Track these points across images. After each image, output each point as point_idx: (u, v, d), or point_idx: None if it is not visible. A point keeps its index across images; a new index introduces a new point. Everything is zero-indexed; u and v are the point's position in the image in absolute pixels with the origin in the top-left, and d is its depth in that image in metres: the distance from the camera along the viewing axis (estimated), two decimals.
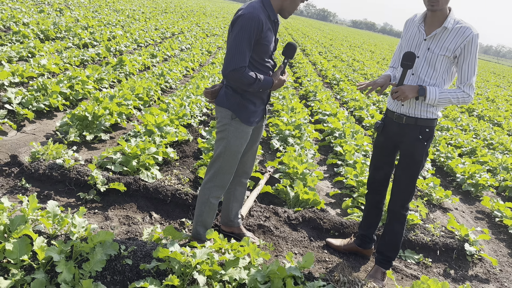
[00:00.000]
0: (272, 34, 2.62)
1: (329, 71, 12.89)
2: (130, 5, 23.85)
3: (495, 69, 43.74)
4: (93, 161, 3.81)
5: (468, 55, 2.62)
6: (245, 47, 2.46)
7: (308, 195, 3.92)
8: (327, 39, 33.40)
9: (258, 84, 2.56)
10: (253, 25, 2.44)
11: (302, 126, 5.77)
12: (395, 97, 2.72)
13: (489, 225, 4.63)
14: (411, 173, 2.92)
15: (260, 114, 2.81)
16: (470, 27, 2.60)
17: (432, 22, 2.70)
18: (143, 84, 6.25)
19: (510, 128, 10.00)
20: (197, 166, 4.21)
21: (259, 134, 2.96)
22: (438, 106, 2.76)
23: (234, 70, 2.47)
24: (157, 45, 11.96)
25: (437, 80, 2.73)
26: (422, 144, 2.83)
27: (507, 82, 27.96)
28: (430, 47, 2.70)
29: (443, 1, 2.56)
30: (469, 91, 2.68)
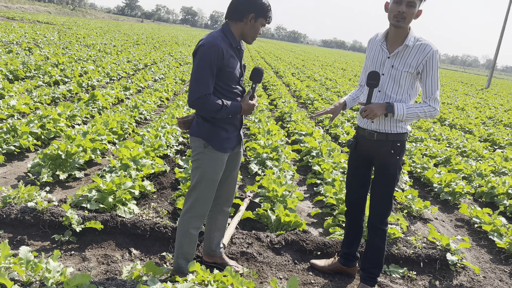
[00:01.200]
0: (236, 60, 2.67)
1: (303, 91, 13.08)
2: (101, 40, 23.86)
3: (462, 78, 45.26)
4: (67, 201, 3.72)
5: (430, 70, 2.73)
6: (207, 76, 2.51)
7: (290, 217, 3.91)
8: (299, 60, 34.04)
9: (226, 110, 2.59)
10: (213, 54, 2.50)
11: (279, 148, 5.80)
12: (364, 116, 2.79)
13: (469, 232, 4.69)
14: (386, 188, 2.97)
15: (235, 140, 2.81)
16: (430, 44, 2.71)
17: (394, 40, 2.80)
18: (117, 118, 6.20)
19: (481, 134, 10.29)
20: (175, 197, 4.16)
21: (237, 160, 2.95)
22: (407, 121, 2.85)
23: (198, 98, 2.52)
24: (130, 77, 11.95)
25: (403, 96, 2.82)
26: (395, 158, 2.89)
27: (475, 90, 28.93)
28: (394, 65, 2.79)
29: (408, 19, 2.66)
30: (434, 105, 2.78)
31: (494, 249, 4.28)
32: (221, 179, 2.90)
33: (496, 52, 35.00)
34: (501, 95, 26.84)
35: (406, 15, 2.64)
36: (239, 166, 3.01)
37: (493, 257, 4.15)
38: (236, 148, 2.88)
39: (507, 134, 10.64)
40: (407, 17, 2.65)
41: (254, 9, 2.57)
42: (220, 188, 2.94)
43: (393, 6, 2.68)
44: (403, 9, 2.63)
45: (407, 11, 2.63)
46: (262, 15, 2.60)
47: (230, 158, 2.88)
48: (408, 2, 2.62)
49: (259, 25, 2.63)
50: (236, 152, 2.91)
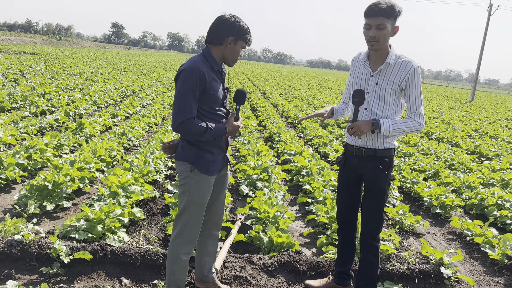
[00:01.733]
0: (219, 83, 2.69)
1: (291, 111, 13.19)
2: (88, 68, 23.93)
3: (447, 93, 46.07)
4: (55, 232, 3.65)
5: (413, 86, 2.79)
6: (190, 99, 2.53)
7: (282, 238, 3.88)
8: (286, 80, 34.42)
9: (210, 133, 2.60)
10: (195, 78, 2.53)
11: (269, 168, 5.80)
12: (351, 133, 2.84)
13: (462, 245, 4.70)
14: (377, 203, 2.98)
15: (221, 162, 2.81)
16: (410, 61, 2.79)
17: (376, 59, 2.87)
18: (105, 145, 6.16)
19: (468, 147, 10.42)
20: (166, 223, 4.11)
21: (224, 182, 2.94)
22: (393, 136, 2.89)
23: (182, 122, 2.53)
24: (118, 104, 11.94)
25: (388, 112, 2.87)
26: (384, 173, 2.92)
27: (459, 103, 29.43)
28: (378, 83, 2.85)
29: (382, 41, 2.73)
30: (419, 120, 2.84)
31: (487, 261, 4.28)
32: (209, 202, 2.88)
33: (478, 66, 35.83)
34: (485, 107, 27.35)
35: (379, 38, 2.71)
36: (226, 188, 2.99)
37: (487, 269, 4.15)
38: (223, 170, 2.88)
39: (493, 145, 10.79)
40: (380, 39, 2.72)
41: (233, 32, 2.62)
42: (208, 211, 2.92)
43: (365, 31, 2.78)
44: (374, 33, 2.71)
45: (378, 34, 2.70)
46: (241, 38, 2.65)
47: (217, 180, 2.87)
48: (377, 25, 2.69)
49: (239, 48, 2.67)
50: (223, 174, 2.91)
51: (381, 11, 2.65)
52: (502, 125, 16.57)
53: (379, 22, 2.67)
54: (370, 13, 2.69)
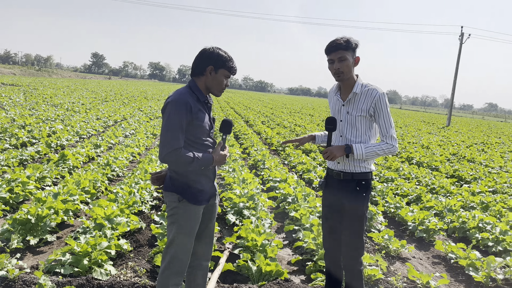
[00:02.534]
0: (205, 114, 2.74)
1: (274, 138, 13.33)
2: (69, 98, 23.78)
3: (424, 118, 47.30)
4: (39, 267, 3.57)
5: (381, 112, 2.97)
6: (177, 130, 2.58)
7: (271, 266, 3.88)
8: (268, 108, 34.83)
9: (198, 162, 2.63)
10: (181, 109, 2.59)
11: (255, 196, 5.83)
12: (325, 158, 3.02)
13: (447, 268, 4.77)
14: (357, 227, 3.07)
15: (209, 192, 2.83)
16: (376, 88, 2.99)
17: (345, 90, 3.10)
18: (89, 177, 6.11)
19: (447, 171, 10.67)
20: (153, 254, 4.07)
21: (213, 212, 2.95)
22: (368, 159, 3.02)
23: (169, 153, 2.57)
24: (100, 135, 11.87)
25: (361, 138, 3.04)
26: (361, 195, 3.05)
27: (437, 128, 30.21)
28: (348, 111, 3.06)
29: (346, 71, 2.96)
30: (391, 142, 3.00)
31: (472, 284, 4.35)
32: (198, 232, 2.88)
33: (453, 92, 37.03)
34: (461, 132, 28.14)
35: (343, 69, 2.94)
36: (215, 217, 3.00)
37: None
38: (211, 199, 2.89)
39: (471, 169, 11.08)
40: (344, 70, 2.95)
41: (211, 62, 2.68)
42: (198, 242, 2.91)
43: (329, 66, 3.01)
44: (337, 66, 2.94)
45: (342, 66, 2.93)
46: (222, 66, 2.69)
47: (206, 210, 2.88)
48: (338, 58, 2.93)
49: (221, 76, 2.71)
50: (212, 204, 2.91)
51: (339, 45, 2.91)
52: (478, 149, 17.05)
53: (340, 55, 2.91)
54: (330, 49, 2.95)
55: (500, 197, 7.63)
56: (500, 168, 12.11)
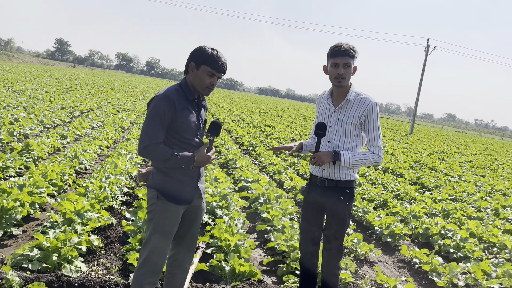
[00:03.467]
0: (192, 113, 2.69)
1: (245, 138, 13.34)
2: (31, 85, 22.83)
3: (388, 124, 48.67)
4: (6, 261, 3.43)
5: (371, 121, 3.03)
6: (157, 125, 2.57)
7: (244, 267, 3.90)
8: (238, 106, 34.79)
9: (175, 160, 2.59)
10: (164, 105, 2.57)
11: (228, 196, 5.82)
12: (313, 163, 3.02)
13: (411, 273, 4.95)
14: (337, 233, 3.12)
15: (191, 193, 2.77)
16: (369, 97, 3.04)
17: (337, 96, 3.12)
18: (56, 169, 5.90)
19: (411, 178, 11.06)
20: (125, 251, 3.99)
21: (196, 215, 2.90)
22: (354, 168, 3.08)
23: (146, 147, 2.56)
24: (66, 125, 11.48)
25: (349, 145, 3.07)
26: (345, 204, 3.08)
27: (400, 135, 31.20)
28: (339, 117, 3.08)
29: (347, 78, 2.99)
30: (378, 152, 3.05)
31: None
32: (181, 234, 2.86)
33: (416, 101, 38.35)
34: (423, 140, 29.18)
35: (345, 75, 2.97)
36: (200, 221, 2.94)
37: None
38: (196, 202, 2.84)
39: (433, 177, 11.53)
40: (346, 77, 2.99)
41: (193, 58, 2.64)
42: (180, 243, 2.89)
43: (332, 69, 3.01)
44: (341, 71, 2.96)
45: (345, 72, 2.97)
46: (203, 62, 2.61)
47: (189, 212, 2.84)
48: (344, 64, 2.95)
49: (202, 73, 2.62)
50: (196, 206, 2.86)
51: (347, 51, 2.93)
52: (439, 158, 17.75)
53: (346, 62, 2.94)
54: (337, 53, 2.95)
55: (459, 205, 7.99)
56: (459, 177, 12.68)
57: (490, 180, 12.62)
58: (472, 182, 11.79)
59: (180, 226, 2.83)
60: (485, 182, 12.18)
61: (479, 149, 27.53)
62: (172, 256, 2.93)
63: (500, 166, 17.90)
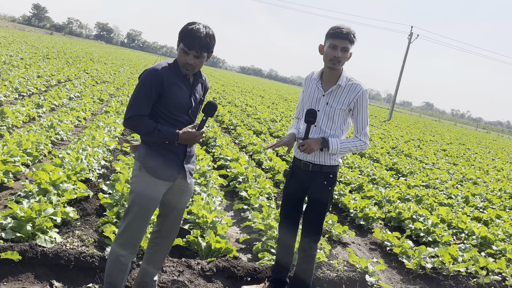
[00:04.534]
0: (182, 89, 2.65)
1: (225, 116, 13.29)
2: (6, 51, 22.00)
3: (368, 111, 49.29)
4: None
5: (361, 108, 3.02)
6: (142, 98, 2.56)
7: (220, 243, 3.94)
8: (219, 84, 34.48)
9: (159, 134, 2.58)
10: (151, 78, 2.56)
11: (207, 173, 5.83)
12: (302, 150, 2.99)
13: (382, 255, 5.10)
14: (318, 216, 3.17)
15: (175, 170, 2.73)
16: (360, 84, 3.01)
17: (328, 80, 3.05)
18: (32, 138, 5.76)
19: (387, 163, 11.28)
20: (101, 224, 3.97)
21: (182, 194, 2.85)
22: (340, 154, 3.09)
23: (130, 118, 2.58)
24: (42, 94, 11.16)
25: (336, 131, 3.07)
26: (327, 189, 3.11)
27: (378, 121, 31.66)
28: (328, 102, 3.04)
29: (342, 62, 2.94)
30: (364, 139, 3.07)
31: (404, 270, 4.70)
32: (166, 212, 2.85)
33: (397, 88, 38.85)
34: (401, 127, 29.72)
35: (341, 59, 2.92)
36: (187, 201, 2.91)
37: (403, 277, 4.56)
38: (181, 181, 2.79)
39: (408, 163, 11.80)
40: (342, 60, 2.94)
41: (178, 35, 2.58)
42: (163, 221, 2.88)
43: (328, 50, 2.93)
44: (338, 54, 2.90)
45: (342, 56, 2.92)
46: (180, 39, 2.54)
47: (174, 190, 2.80)
48: (342, 48, 2.90)
49: (180, 50, 2.57)
50: (181, 186, 2.81)
51: (348, 35, 2.87)
52: (415, 145, 18.14)
53: (344, 45, 2.89)
54: (338, 35, 2.88)
55: (432, 192, 8.23)
56: (433, 164, 13.02)
57: (462, 169, 13.01)
58: (445, 170, 12.13)
59: (165, 204, 2.83)
60: (458, 170, 12.56)
61: (454, 139, 28.26)
62: (155, 232, 2.93)
63: (472, 155, 18.45)
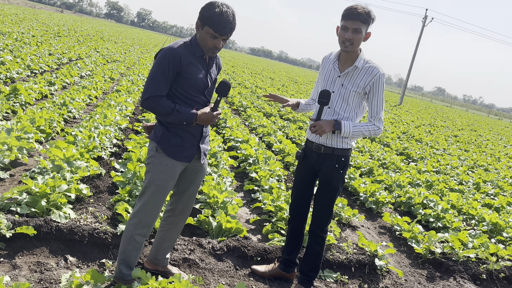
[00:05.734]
0: (199, 69, 2.64)
1: (235, 98, 13.24)
2: (18, 28, 22.01)
3: None
4: None
5: (376, 91, 2.94)
6: (160, 78, 2.52)
7: (231, 223, 3.97)
8: (229, 66, 34.29)
9: (177, 115, 2.57)
10: (169, 58, 2.52)
11: (217, 154, 5.84)
12: (313, 131, 2.95)
13: (391, 239, 5.11)
14: (329, 199, 3.16)
15: (191, 151, 2.74)
16: (377, 67, 2.93)
17: (345, 61, 2.99)
18: (45, 115, 5.80)
19: (397, 148, 11.21)
20: (114, 202, 4.01)
21: (197, 174, 2.88)
22: (352, 138, 3.05)
23: (148, 98, 2.54)
24: (54, 72, 11.19)
25: (350, 114, 3.01)
26: (339, 172, 3.08)
27: (389, 106, 31.34)
28: (343, 84, 2.98)
29: (356, 44, 2.86)
30: (378, 124, 3.01)
31: (413, 254, 4.71)
32: (180, 191, 2.87)
33: (409, 73, 38.31)
34: (412, 112, 29.41)
35: (353, 40, 2.84)
36: (200, 181, 2.94)
37: (412, 261, 4.57)
38: (196, 161, 2.82)
39: (419, 149, 11.71)
40: (354, 42, 2.85)
41: (199, 17, 2.55)
42: (178, 200, 2.91)
43: (341, 32, 2.87)
44: (350, 36, 2.82)
45: (354, 37, 2.83)
46: (206, 22, 2.49)
47: (189, 170, 2.83)
48: (354, 29, 2.82)
49: (205, 34, 2.53)
50: (197, 166, 2.84)
51: (359, 15, 2.77)
52: (426, 130, 17.97)
53: (356, 26, 2.79)
54: (348, 16, 2.80)
55: (442, 177, 8.18)
56: (444, 150, 12.91)
57: (474, 155, 12.89)
58: (456, 156, 12.03)
59: (180, 184, 2.85)
60: (469, 156, 12.45)
61: (465, 125, 27.93)
62: (169, 211, 2.97)
63: (484, 142, 18.26)
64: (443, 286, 4.09)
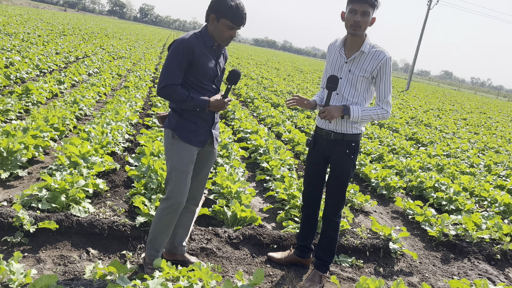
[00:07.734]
0: (210, 59, 2.77)
1: (242, 89, 13.27)
2: (23, 28, 22.15)
3: None
4: (16, 201, 3.52)
5: (384, 75, 2.97)
6: (175, 67, 2.66)
7: (246, 212, 4.04)
8: (234, 57, 34.22)
9: (191, 102, 2.70)
10: (183, 49, 2.65)
11: (228, 145, 5.90)
12: (322, 117, 2.99)
13: (404, 223, 5.15)
14: (341, 184, 3.20)
15: (204, 136, 2.88)
16: (384, 51, 2.95)
17: (351, 46, 3.02)
18: (58, 113, 5.89)
19: (406, 133, 11.19)
20: (130, 195, 4.10)
21: (208, 159, 3.02)
22: (361, 122, 3.08)
23: (164, 87, 2.68)
24: (62, 71, 11.30)
25: (358, 99, 3.04)
26: (349, 157, 3.12)
27: (396, 91, 31.12)
28: (351, 69, 3.01)
29: (363, 27, 2.88)
30: (387, 108, 3.03)
31: (426, 237, 4.75)
32: (191, 176, 2.95)
33: (415, 57, 37.93)
34: (419, 97, 29.19)
35: (362, 24, 2.86)
36: (211, 166, 3.06)
37: (426, 244, 4.61)
38: (208, 146, 2.95)
39: (428, 133, 11.68)
40: (363, 25, 2.88)
41: (213, 10, 2.68)
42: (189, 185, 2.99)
43: (349, 15, 2.89)
44: (358, 19, 2.85)
45: (362, 20, 2.85)
46: (223, 16, 2.65)
47: (201, 155, 2.95)
48: (362, 12, 2.84)
49: (222, 26, 2.69)
50: (208, 150, 2.98)
51: None
52: (434, 115, 17.86)
53: (364, 9, 2.82)
54: None
55: (453, 161, 8.18)
56: (453, 134, 12.85)
57: (484, 138, 12.82)
58: (466, 139, 11.98)
59: (193, 168, 2.94)
60: (479, 139, 12.38)
61: (474, 107, 27.68)
62: None
63: (494, 124, 18.11)
64: (457, 267, 4.14)
